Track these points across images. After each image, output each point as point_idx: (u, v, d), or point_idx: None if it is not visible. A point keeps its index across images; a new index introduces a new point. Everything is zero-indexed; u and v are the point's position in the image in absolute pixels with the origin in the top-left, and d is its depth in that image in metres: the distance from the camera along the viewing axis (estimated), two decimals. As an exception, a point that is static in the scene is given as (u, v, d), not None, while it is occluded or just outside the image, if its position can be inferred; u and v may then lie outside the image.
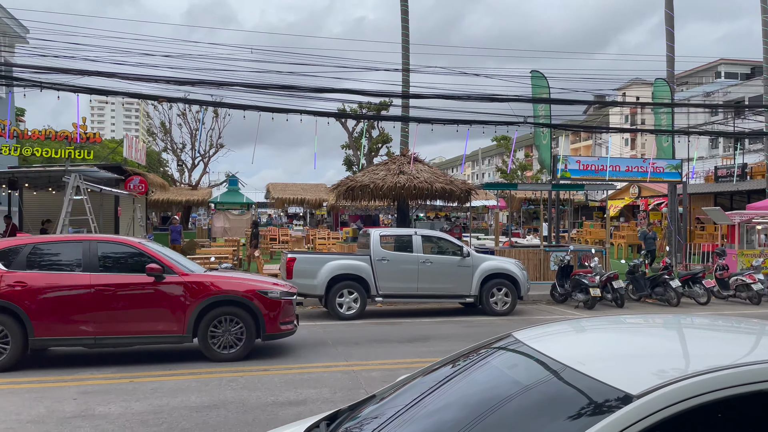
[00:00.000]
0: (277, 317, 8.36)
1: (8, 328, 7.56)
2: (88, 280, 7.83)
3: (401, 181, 16.02)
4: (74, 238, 8.70)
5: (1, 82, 16.92)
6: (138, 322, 7.96)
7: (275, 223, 45.76)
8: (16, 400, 6.38)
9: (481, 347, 3.23)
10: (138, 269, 8.07)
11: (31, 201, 20.37)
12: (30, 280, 7.72)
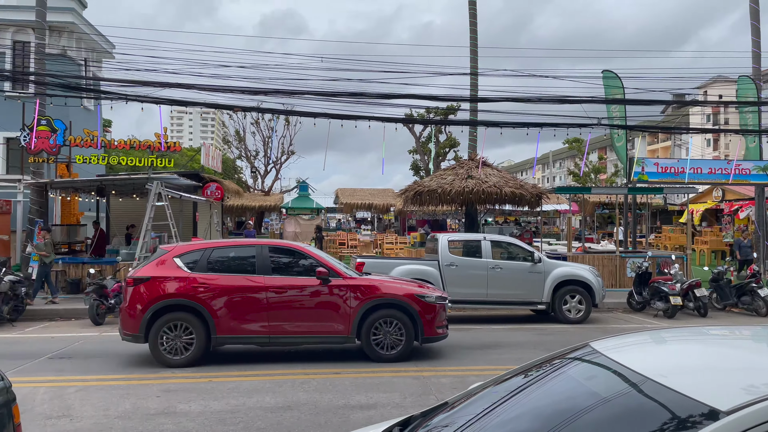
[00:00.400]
0: (434, 321, 8.59)
1: (193, 326, 8.11)
2: (262, 282, 8.27)
3: (469, 186, 15.90)
4: (247, 243, 9.19)
5: (90, 96, 18.04)
6: (308, 323, 8.33)
7: (344, 227, 46.42)
8: (104, 396, 6.78)
9: (556, 357, 3.16)
10: (305, 272, 8.50)
11: (117, 207, 21.60)
12: (211, 282, 8.22)
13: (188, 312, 8.17)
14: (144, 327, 8.09)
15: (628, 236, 20.05)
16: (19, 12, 20.37)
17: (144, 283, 8.24)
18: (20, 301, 12.63)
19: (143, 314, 8.09)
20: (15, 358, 8.72)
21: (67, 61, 20.84)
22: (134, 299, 8.23)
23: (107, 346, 9.85)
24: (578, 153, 43.64)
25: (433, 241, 13.20)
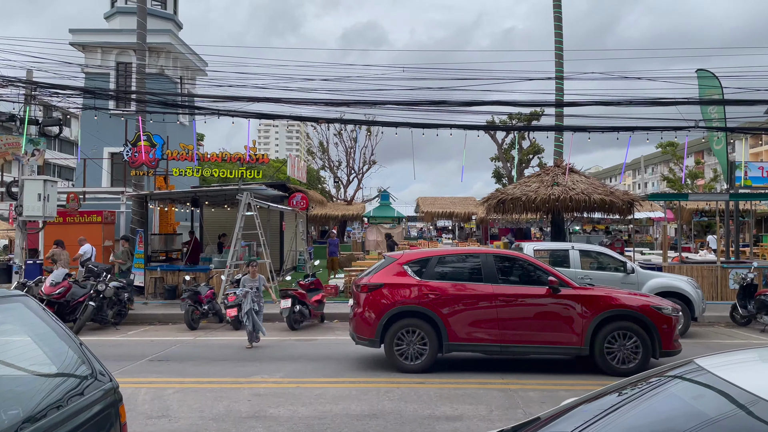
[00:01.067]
0: (671, 334, 8.31)
1: (426, 333, 8.32)
2: (491, 290, 8.36)
3: (556, 193, 15.43)
4: (471, 251, 9.32)
5: (185, 112, 19.07)
6: (539, 332, 8.27)
7: (425, 236, 46.34)
8: (199, 398, 7.09)
9: (654, 374, 2.99)
10: (532, 281, 8.51)
11: (209, 217, 22.69)
12: (441, 289, 8.42)
13: (420, 318, 8.36)
14: (379, 332, 8.38)
15: (719, 245, 18.72)
16: (121, 35, 21.92)
17: (377, 290, 8.52)
18: (123, 306, 13.49)
19: (378, 320, 8.38)
20: (119, 360, 9.31)
21: (165, 80, 22.17)
22: (369, 305, 8.51)
23: (201, 350, 10.31)
24: (672, 157, 41.36)
25: (517, 250, 12.90)
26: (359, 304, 8.68)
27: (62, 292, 12.55)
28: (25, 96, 15.44)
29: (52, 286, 12.50)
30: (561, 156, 17.85)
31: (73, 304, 12.73)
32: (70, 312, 12.69)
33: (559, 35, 18.29)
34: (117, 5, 24.00)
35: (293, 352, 9.97)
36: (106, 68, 22.68)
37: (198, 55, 25.35)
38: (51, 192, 14.72)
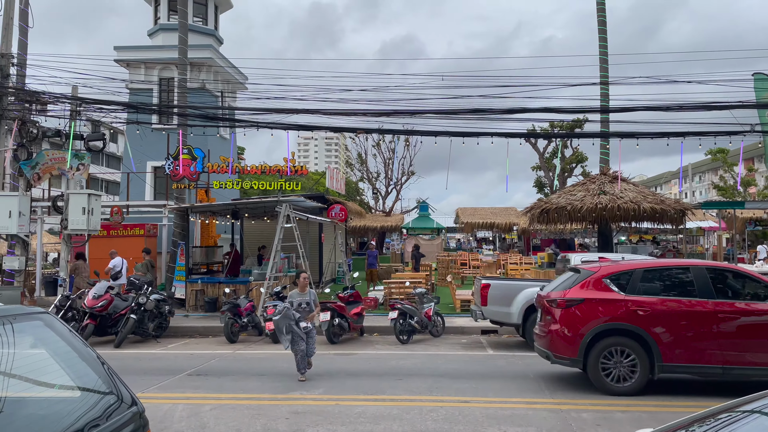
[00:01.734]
0: None
1: (635, 353, 7.68)
2: (709, 306, 7.64)
3: (603, 202, 14.85)
4: (680, 263, 8.58)
5: (225, 125, 19.21)
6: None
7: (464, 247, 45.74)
8: (236, 416, 6.88)
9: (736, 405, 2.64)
10: (754, 295, 7.81)
11: (249, 229, 22.77)
12: (651, 305, 7.73)
13: (629, 337, 7.74)
14: (582, 351, 7.80)
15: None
16: (163, 51, 22.33)
17: (577, 305, 7.97)
18: (164, 319, 13.51)
19: (581, 338, 7.81)
20: (158, 374, 9.22)
21: (206, 94, 22.46)
22: (568, 322, 7.97)
23: (240, 364, 10.16)
24: (723, 164, 39.78)
25: (564, 261, 12.40)
26: (555, 320, 8.08)
27: (104, 305, 12.63)
28: (70, 111, 15.76)
29: (95, 299, 12.60)
30: (607, 164, 17.22)
31: (115, 316, 12.81)
32: (112, 325, 12.77)
33: (603, 39, 17.72)
34: (160, 22, 24.50)
35: (332, 367, 9.72)
36: (149, 83, 23.13)
37: (238, 69, 25.64)
38: (95, 205, 14.93)
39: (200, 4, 24.94)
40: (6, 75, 14.87)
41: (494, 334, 13.28)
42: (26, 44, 16.77)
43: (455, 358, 10.60)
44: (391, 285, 16.52)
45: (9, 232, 14.84)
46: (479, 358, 10.55)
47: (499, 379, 8.80)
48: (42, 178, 15.90)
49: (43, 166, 15.65)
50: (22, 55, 16.49)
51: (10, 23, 15.03)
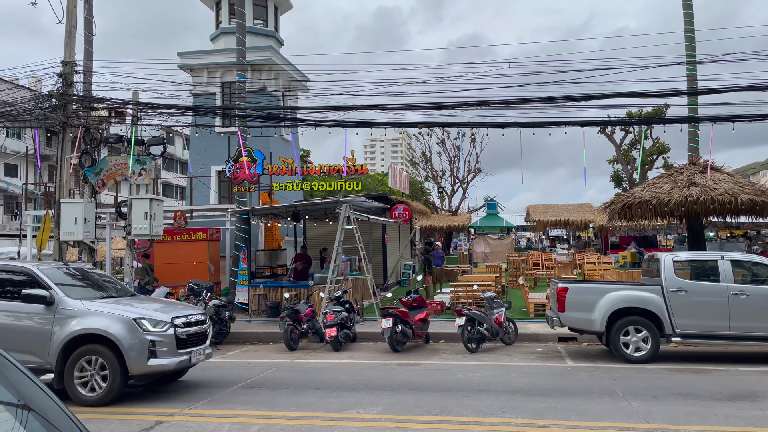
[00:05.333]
0: None
1: None
2: None
3: (694, 195, 13.32)
4: None
5: (281, 125, 18.85)
6: None
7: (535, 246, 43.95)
8: (286, 438, 6.21)
9: None
10: None
11: (312, 231, 22.39)
12: None
13: None
14: None
15: None
16: (225, 55, 22.30)
17: None
18: (224, 325, 13.17)
19: None
20: (211, 387, 8.74)
21: (267, 96, 22.25)
22: None
23: (297, 375, 9.55)
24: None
25: (652, 261, 11.09)
26: None
27: (164, 310, 12.38)
28: (132, 117, 15.78)
29: (154, 305, 12.37)
30: (697, 152, 15.58)
31: (175, 323, 12.54)
32: (172, 331, 12.51)
33: (688, 15, 16.07)
34: (221, 26, 24.57)
35: (394, 380, 8.93)
36: (212, 87, 23.19)
37: (297, 68, 25.39)
38: (157, 210, 14.83)
39: (260, 6, 24.83)
40: (70, 83, 15.01)
41: (573, 341, 12.11)
42: (91, 52, 16.99)
43: (530, 370, 9.57)
44: (458, 288, 15.58)
45: (75, 238, 14.97)
46: (557, 371, 9.48)
47: (582, 396, 7.74)
48: (106, 184, 16.00)
49: (106, 172, 15.74)
50: (87, 63, 16.71)
51: (72, 32, 15.17)
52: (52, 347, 7.67)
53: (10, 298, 8.03)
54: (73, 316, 7.76)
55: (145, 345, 7.67)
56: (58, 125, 15.11)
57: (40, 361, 7.68)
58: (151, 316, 7.93)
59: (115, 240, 19.42)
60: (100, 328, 7.67)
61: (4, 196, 43.37)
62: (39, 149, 15.96)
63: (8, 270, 8.38)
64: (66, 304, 7.84)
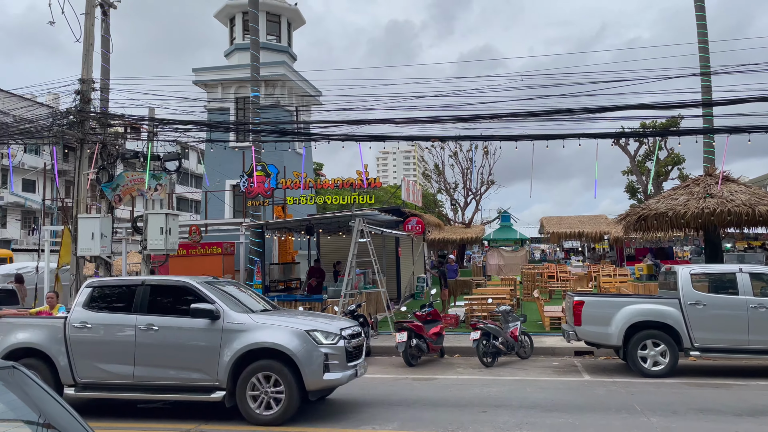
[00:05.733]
0: None
1: None
2: None
3: (710, 206, 13.20)
4: None
5: (295, 139, 18.98)
6: None
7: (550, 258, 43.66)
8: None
9: None
10: None
11: (325, 244, 22.42)
12: None
13: None
14: None
15: None
16: (239, 71, 22.55)
17: None
18: (239, 339, 13.17)
19: None
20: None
21: (281, 111, 22.44)
22: None
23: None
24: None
25: (669, 274, 10.98)
26: None
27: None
28: (148, 133, 15.98)
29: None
30: (713, 163, 15.44)
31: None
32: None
33: (702, 26, 16.01)
34: (235, 42, 24.88)
35: (410, 395, 8.89)
36: (226, 102, 23.43)
37: (313, 86, 25.59)
38: (172, 225, 14.94)
39: (273, 22, 25.12)
40: (87, 100, 15.24)
41: (590, 355, 11.99)
42: (108, 70, 17.24)
43: (547, 384, 9.48)
44: (473, 301, 15.50)
45: (92, 253, 15.11)
46: (574, 386, 9.38)
47: (600, 412, 7.65)
48: (123, 199, 16.17)
49: (123, 187, 15.91)
50: (104, 81, 16.97)
51: (90, 50, 15.44)
52: (221, 363, 7.30)
53: (170, 313, 7.80)
54: (241, 330, 7.39)
55: (321, 358, 7.24)
56: (76, 142, 15.34)
57: (208, 379, 7.38)
58: (322, 328, 7.52)
59: (130, 254, 19.56)
60: (274, 342, 7.25)
61: (22, 212, 43.98)
62: (57, 165, 16.19)
63: (165, 284, 8.15)
64: (232, 318, 7.49)
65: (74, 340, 7.87)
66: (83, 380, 7.82)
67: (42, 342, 7.97)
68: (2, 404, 1.96)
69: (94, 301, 8.15)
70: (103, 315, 8.00)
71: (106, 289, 8.29)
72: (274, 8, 24.89)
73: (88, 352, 7.81)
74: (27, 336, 8.08)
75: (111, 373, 7.72)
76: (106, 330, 7.86)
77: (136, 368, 7.60)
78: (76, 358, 7.83)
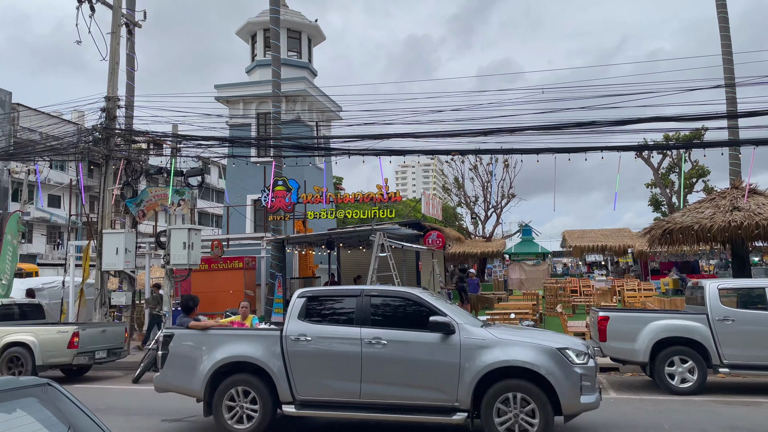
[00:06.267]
0: None
1: None
2: None
3: (737, 219, 12.97)
4: None
5: (316, 154, 19.11)
6: None
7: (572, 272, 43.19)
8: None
9: None
10: None
11: (346, 259, 22.45)
12: None
13: None
14: None
15: None
16: (260, 87, 22.83)
17: None
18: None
19: None
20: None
21: (301, 126, 22.64)
22: None
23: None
24: None
25: (696, 289, 10.78)
26: None
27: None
28: (171, 149, 16.22)
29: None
30: (739, 176, 15.20)
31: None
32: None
33: (726, 38, 15.85)
34: (257, 59, 25.23)
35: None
36: (247, 118, 23.72)
37: (333, 101, 25.79)
38: (195, 240, 15.08)
39: (294, 39, 25.44)
40: (113, 117, 15.55)
41: (615, 372, 11.78)
42: (133, 87, 17.58)
43: (571, 402, 9.30)
44: (494, 316, 15.35)
45: (116, 268, 15.33)
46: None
47: (627, 430, 7.49)
48: (146, 214, 16.40)
49: (147, 203, 16.15)
50: (129, 98, 17.30)
51: (115, 68, 15.77)
52: (462, 382, 6.68)
53: (396, 326, 7.17)
54: (482, 347, 6.74)
55: (577, 379, 6.58)
56: (101, 158, 15.63)
57: (445, 398, 6.76)
58: (572, 346, 6.88)
59: (153, 268, 19.78)
60: (526, 361, 6.58)
61: (47, 227, 44.81)
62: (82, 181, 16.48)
63: (387, 295, 7.53)
64: (470, 332, 6.87)
65: (293, 353, 7.23)
66: (303, 397, 7.20)
67: (257, 355, 7.33)
68: (38, 422, 1.98)
69: (309, 312, 7.50)
70: (323, 327, 7.33)
71: (321, 300, 7.69)
72: (294, 25, 25.22)
73: (308, 367, 7.18)
74: (241, 349, 7.45)
75: (335, 390, 7.09)
76: (328, 343, 7.20)
77: (363, 385, 6.96)
78: (296, 373, 7.19)
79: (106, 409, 9.29)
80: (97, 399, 10.22)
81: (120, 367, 14.20)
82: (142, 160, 16.69)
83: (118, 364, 14.10)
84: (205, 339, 7.70)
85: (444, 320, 6.84)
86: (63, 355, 12.32)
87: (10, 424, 1.90)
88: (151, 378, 12.64)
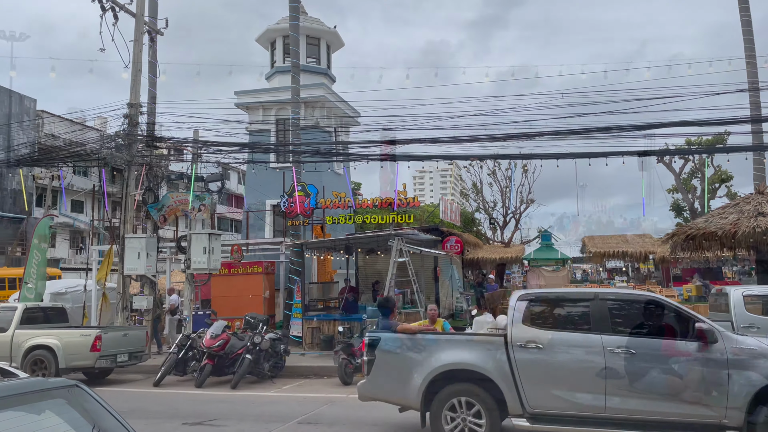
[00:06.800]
0: None
1: None
2: None
3: (762, 225, 12.75)
4: None
5: (334, 160, 19.18)
6: None
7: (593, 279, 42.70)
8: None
9: None
10: None
11: (364, 264, 22.46)
12: None
13: None
14: None
15: None
16: (279, 93, 23.01)
17: None
18: (280, 358, 13.25)
19: None
20: (270, 421, 8.80)
21: (320, 131, 22.76)
22: None
23: (351, 411, 9.48)
24: None
25: (720, 296, 10.60)
26: None
27: (221, 344, 12.61)
28: (192, 155, 16.40)
29: (212, 339, 12.61)
30: (763, 181, 14.95)
31: (232, 356, 12.74)
32: (229, 365, 12.70)
33: (749, 41, 15.62)
34: (276, 65, 25.42)
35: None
36: (267, 124, 23.89)
37: (351, 107, 25.89)
38: (215, 245, 15.24)
39: (313, 45, 25.60)
40: (135, 123, 15.77)
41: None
42: (155, 94, 17.84)
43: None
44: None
45: (138, 272, 15.52)
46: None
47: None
48: (168, 219, 16.60)
49: (168, 208, 16.35)
50: (151, 105, 17.55)
51: (138, 75, 16.00)
52: (732, 397, 6.02)
53: (641, 333, 6.52)
54: (754, 357, 6.12)
55: None
56: (124, 164, 15.85)
57: (712, 415, 6.10)
58: None
59: (174, 273, 19.99)
60: None
61: (71, 231, 45.51)
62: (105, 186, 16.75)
63: (626, 299, 7.01)
64: (735, 341, 6.29)
65: (521, 361, 6.64)
66: (535, 410, 6.59)
67: (480, 363, 6.75)
68: (66, 423, 2.01)
69: (534, 316, 6.97)
70: (556, 333, 6.74)
71: (546, 303, 7.21)
72: (313, 32, 25.38)
73: (540, 377, 6.58)
74: (461, 356, 6.88)
75: (575, 404, 6.46)
76: (564, 351, 6.57)
77: (608, 398, 6.33)
78: (525, 383, 6.59)
79: (128, 412, 9.38)
80: (118, 402, 10.34)
81: (141, 371, 14.35)
82: (163, 165, 16.89)
83: (140, 367, 14.25)
84: (418, 344, 7.14)
85: (709, 327, 6.26)
86: (85, 358, 12.49)
87: (38, 425, 1.94)
88: (172, 382, 12.79)
